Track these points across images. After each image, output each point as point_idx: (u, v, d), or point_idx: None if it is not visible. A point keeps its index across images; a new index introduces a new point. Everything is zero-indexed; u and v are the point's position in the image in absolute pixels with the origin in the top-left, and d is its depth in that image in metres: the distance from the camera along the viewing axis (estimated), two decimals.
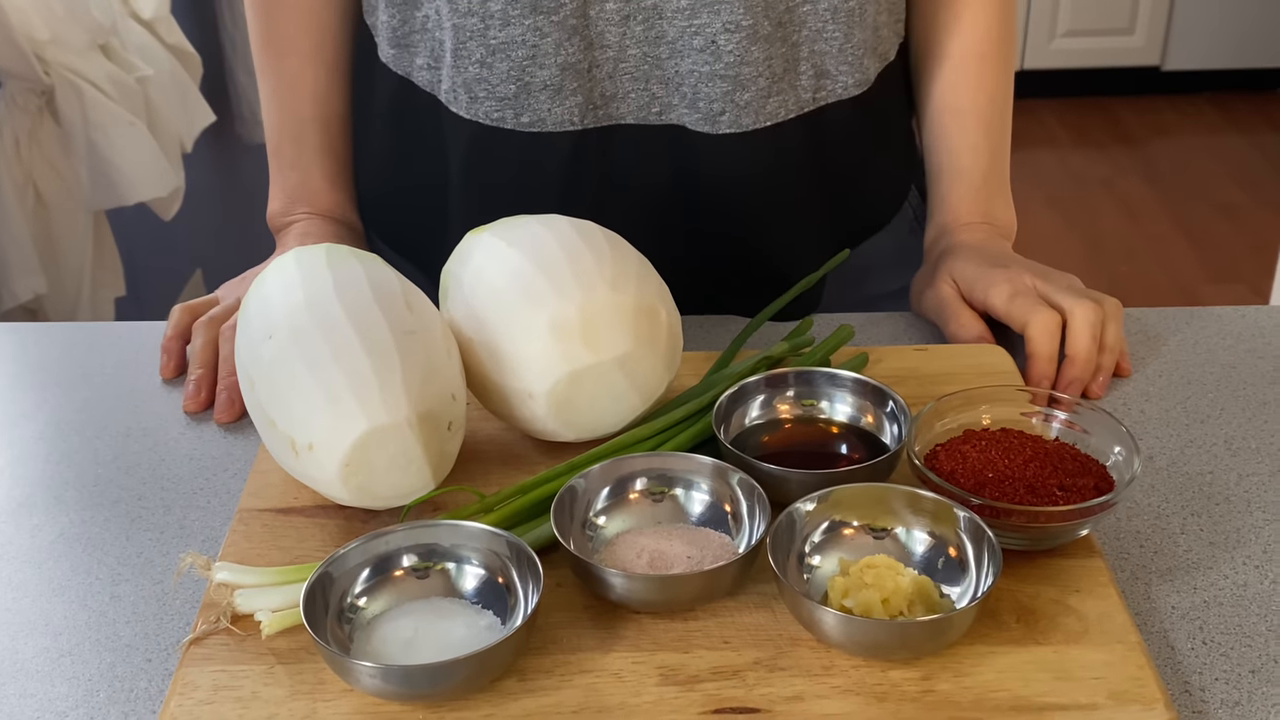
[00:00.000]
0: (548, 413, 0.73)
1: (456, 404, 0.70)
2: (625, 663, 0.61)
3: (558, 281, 0.71)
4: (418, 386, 0.67)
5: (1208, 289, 2.93)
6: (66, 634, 0.68)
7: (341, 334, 0.67)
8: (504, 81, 0.85)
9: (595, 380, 0.72)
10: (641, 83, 0.86)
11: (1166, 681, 0.63)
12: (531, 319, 0.71)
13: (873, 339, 0.91)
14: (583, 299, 0.71)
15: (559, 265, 0.72)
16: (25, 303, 1.82)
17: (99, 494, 0.78)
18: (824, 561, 0.66)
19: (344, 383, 0.66)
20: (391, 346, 0.67)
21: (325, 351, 0.67)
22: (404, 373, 0.67)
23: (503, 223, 0.76)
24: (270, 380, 0.68)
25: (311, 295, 0.70)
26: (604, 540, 0.68)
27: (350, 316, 0.68)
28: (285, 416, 0.67)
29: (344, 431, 0.66)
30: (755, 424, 0.76)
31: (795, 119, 0.87)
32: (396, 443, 0.67)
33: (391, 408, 0.66)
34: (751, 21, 0.83)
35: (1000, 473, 0.68)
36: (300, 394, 0.67)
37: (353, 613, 0.63)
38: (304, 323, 0.68)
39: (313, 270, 0.72)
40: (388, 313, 0.69)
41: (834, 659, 0.61)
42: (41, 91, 1.79)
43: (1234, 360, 0.88)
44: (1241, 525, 0.73)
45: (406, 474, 0.68)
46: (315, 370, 0.67)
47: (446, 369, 0.70)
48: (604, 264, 0.72)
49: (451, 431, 0.70)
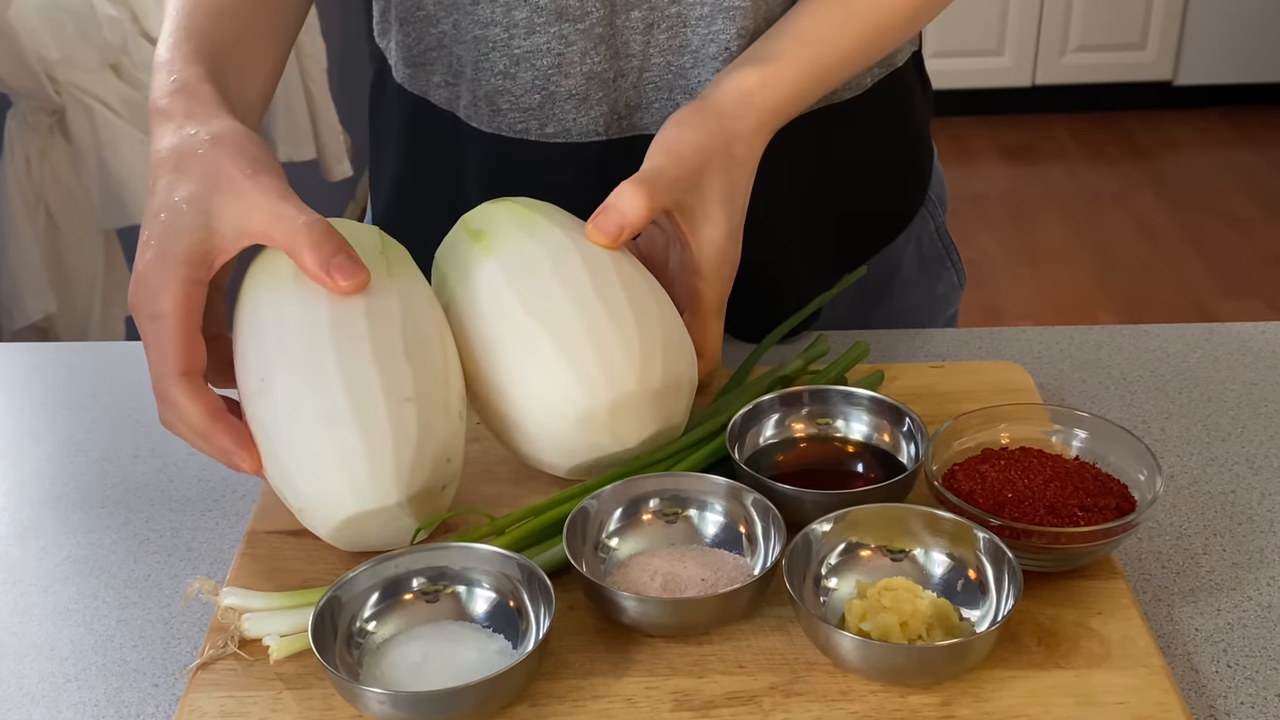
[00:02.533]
0: (566, 474, 0.72)
1: (452, 465, 0.67)
2: (639, 688, 0.60)
3: (581, 371, 0.67)
4: (410, 464, 0.64)
5: (1223, 304, 2.91)
6: (73, 658, 0.67)
7: (334, 400, 0.63)
8: (528, 92, 0.85)
9: (619, 457, 0.71)
10: (665, 92, 0.85)
11: (1191, 706, 0.61)
12: (559, 410, 0.68)
13: (887, 355, 0.90)
14: (611, 397, 0.67)
15: (580, 346, 0.67)
16: (36, 322, 1.81)
17: (106, 516, 0.77)
18: (841, 584, 0.65)
19: (333, 460, 0.63)
20: (384, 419, 0.63)
21: (316, 418, 0.63)
22: (396, 450, 0.63)
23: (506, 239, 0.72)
24: (265, 433, 0.65)
25: (306, 338, 0.64)
26: (617, 562, 0.67)
27: (344, 375, 0.63)
28: (278, 476, 0.65)
29: (332, 508, 0.64)
30: (770, 443, 0.75)
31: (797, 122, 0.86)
32: (386, 518, 0.65)
33: (381, 493, 0.64)
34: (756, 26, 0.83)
35: (1020, 493, 0.67)
36: (290, 458, 0.64)
37: (362, 637, 0.62)
38: (296, 376, 0.64)
39: (309, 295, 0.66)
40: (384, 370, 0.64)
41: (851, 684, 0.60)
42: (52, 110, 1.80)
43: (1254, 377, 0.86)
44: (1265, 545, 0.72)
45: (399, 536, 0.67)
46: (305, 438, 0.63)
47: (443, 430, 0.65)
48: (630, 345, 0.68)
49: (446, 490, 0.68)
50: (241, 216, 0.66)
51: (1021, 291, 3.00)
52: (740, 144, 0.76)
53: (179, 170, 0.67)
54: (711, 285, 0.75)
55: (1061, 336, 0.92)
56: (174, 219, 0.66)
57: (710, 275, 0.75)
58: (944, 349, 0.91)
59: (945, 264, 1.03)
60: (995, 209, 3.37)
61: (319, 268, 0.65)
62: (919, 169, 1.00)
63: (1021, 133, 3.76)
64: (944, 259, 1.02)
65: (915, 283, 1.00)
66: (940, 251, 1.02)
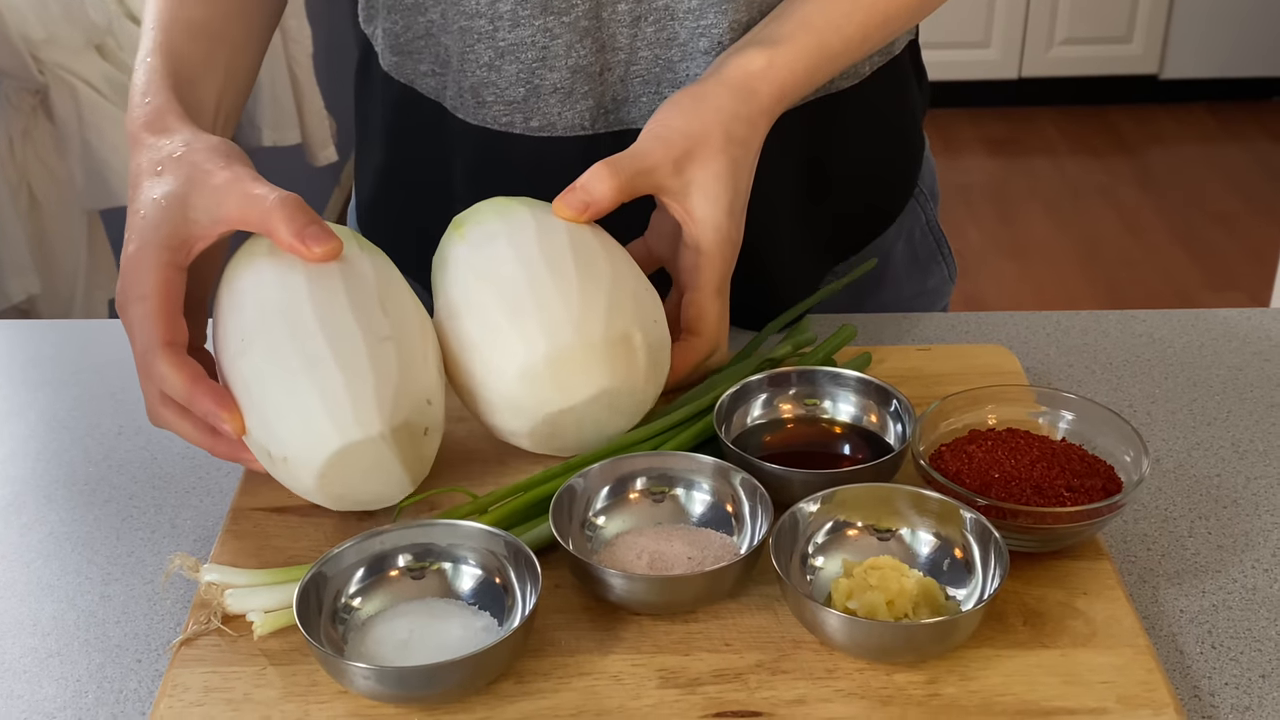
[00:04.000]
0: (534, 444, 0.72)
1: (433, 408, 0.68)
2: (625, 665, 0.60)
3: (521, 326, 0.68)
4: (391, 398, 0.65)
5: (1206, 297, 2.92)
6: (55, 634, 0.67)
7: (313, 345, 0.65)
8: (513, 85, 0.84)
9: (575, 418, 0.70)
10: (653, 86, 0.84)
11: (1175, 686, 0.62)
12: (499, 366, 0.69)
13: (875, 339, 0.90)
14: (547, 346, 0.68)
15: (522, 303, 0.69)
16: (19, 303, 1.80)
17: (90, 493, 0.77)
18: (828, 563, 0.65)
19: (316, 398, 0.64)
20: (364, 356, 0.65)
21: (297, 363, 0.65)
22: (377, 385, 0.65)
23: (478, 223, 0.74)
24: (246, 390, 0.66)
25: (284, 299, 0.67)
26: (603, 541, 0.67)
27: (323, 324, 0.65)
28: (260, 429, 0.66)
29: (317, 448, 0.65)
30: (757, 423, 0.75)
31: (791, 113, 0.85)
32: (371, 455, 0.66)
33: (364, 423, 0.64)
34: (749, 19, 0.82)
35: (1006, 473, 0.67)
36: (272, 408, 0.65)
37: (347, 613, 0.62)
38: (276, 331, 0.66)
39: (285, 266, 0.68)
40: (362, 319, 0.66)
41: (837, 662, 0.60)
42: (36, 91, 1.78)
43: (1240, 363, 0.87)
44: (1250, 528, 0.72)
45: (384, 482, 0.67)
46: (287, 383, 0.65)
47: (422, 375, 0.68)
48: (569, 298, 0.69)
49: (428, 435, 0.69)
50: (216, 204, 0.69)
51: (1006, 284, 3.01)
52: (740, 124, 0.76)
53: (157, 174, 0.71)
54: (709, 262, 0.75)
55: (1048, 321, 0.92)
56: (153, 213, 0.69)
57: (708, 252, 0.75)
58: (931, 333, 0.91)
59: (936, 257, 1.03)
60: (980, 201, 3.37)
61: (294, 238, 0.67)
62: (912, 159, 1.00)
63: (1007, 125, 3.77)
64: (935, 252, 1.02)
65: (907, 276, 1.00)
66: (931, 245, 1.02)
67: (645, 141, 0.75)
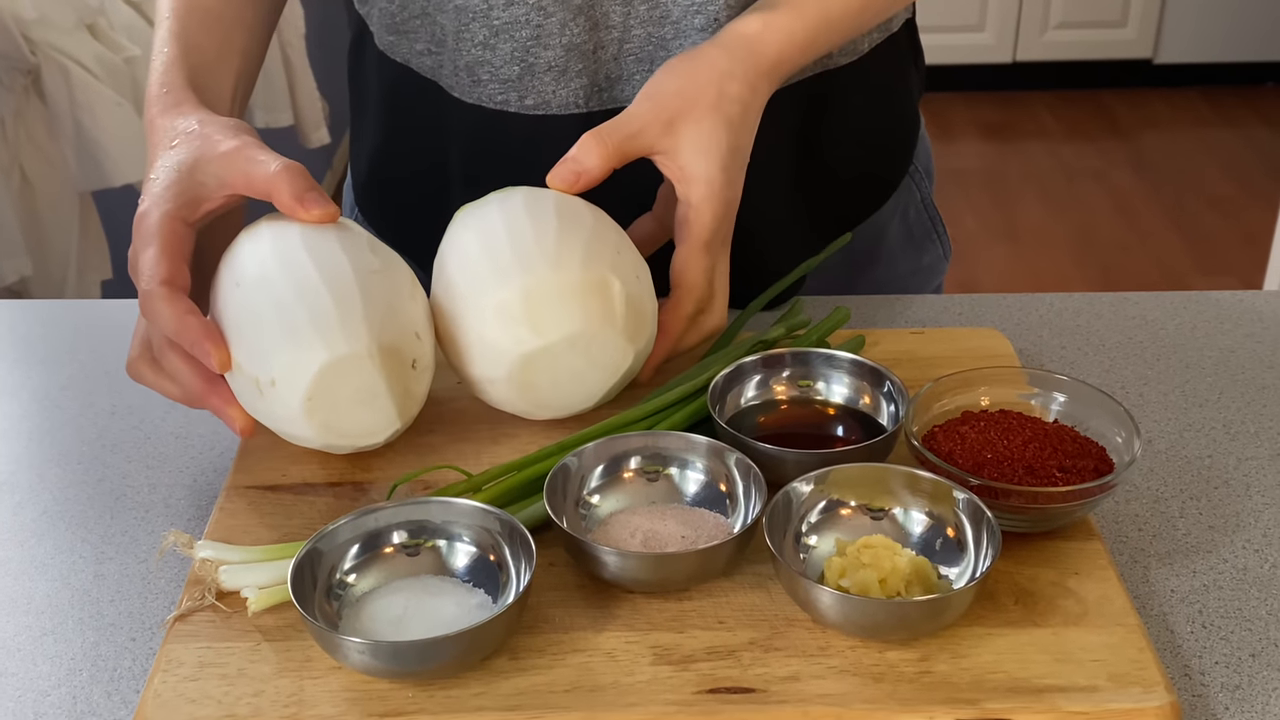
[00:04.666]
0: (511, 396, 0.72)
1: (421, 342, 0.70)
2: (619, 642, 0.61)
3: (499, 264, 0.70)
4: (379, 319, 0.67)
5: (1198, 280, 2.93)
6: (49, 612, 0.67)
7: (304, 274, 0.67)
8: (507, 63, 0.84)
9: (550, 362, 0.70)
10: (646, 64, 0.84)
11: (1166, 665, 0.62)
12: (478, 305, 0.70)
13: (868, 322, 0.90)
14: (522, 281, 0.69)
15: (500, 248, 0.70)
16: (11, 285, 1.80)
17: (83, 472, 0.77)
18: (821, 542, 0.65)
19: (305, 317, 0.66)
20: (352, 281, 0.67)
21: (288, 291, 0.67)
22: (365, 306, 0.67)
23: (474, 204, 0.76)
24: (236, 324, 0.68)
25: (278, 245, 0.70)
26: (597, 520, 0.67)
27: (314, 259, 0.68)
28: (248, 356, 0.67)
29: (305, 364, 0.65)
30: (751, 404, 0.75)
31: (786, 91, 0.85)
32: (359, 375, 0.66)
33: (351, 338, 0.66)
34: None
35: (999, 454, 0.68)
36: (263, 332, 0.67)
37: (341, 589, 0.62)
38: (269, 268, 0.68)
39: (281, 225, 0.71)
40: (352, 256, 0.69)
41: (830, 639, 0.60)
42: (27, 71, 1.77)
43: (1232, 344, 0.87)
44: (1241, 509, 0.72)
45: (371, 409, 0.68)
46: (278, 308, 0.67)
47: (411, 308, 0.69)
48: (546, 241, 0.70)
49: (417, 370, 0.69)
50: (223, 169, 0.72)
51: (1000, 268, 3.01)
52: (734, 83, 0.75)
53: (170, 148, 0.74)
54: (697, 215, 0.74)
55: (1041, 304, 0.92)
56: (163, 177, 0.73)
57: (696, 205, 0.74)
58: (924, 316, 0.91)
59: (931, 236, 1.03)
60: (975, 185, 3.37)
61: (293, 199, 0.70)
62: (907, 137, 1.00)
63: (1001, 109, 3.77)
64: (930, 230, 1.02)
65: (901, 254, 1.00)
66: (926, 223, 1.02)
67: (635, 105, 0.75)
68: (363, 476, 0.72)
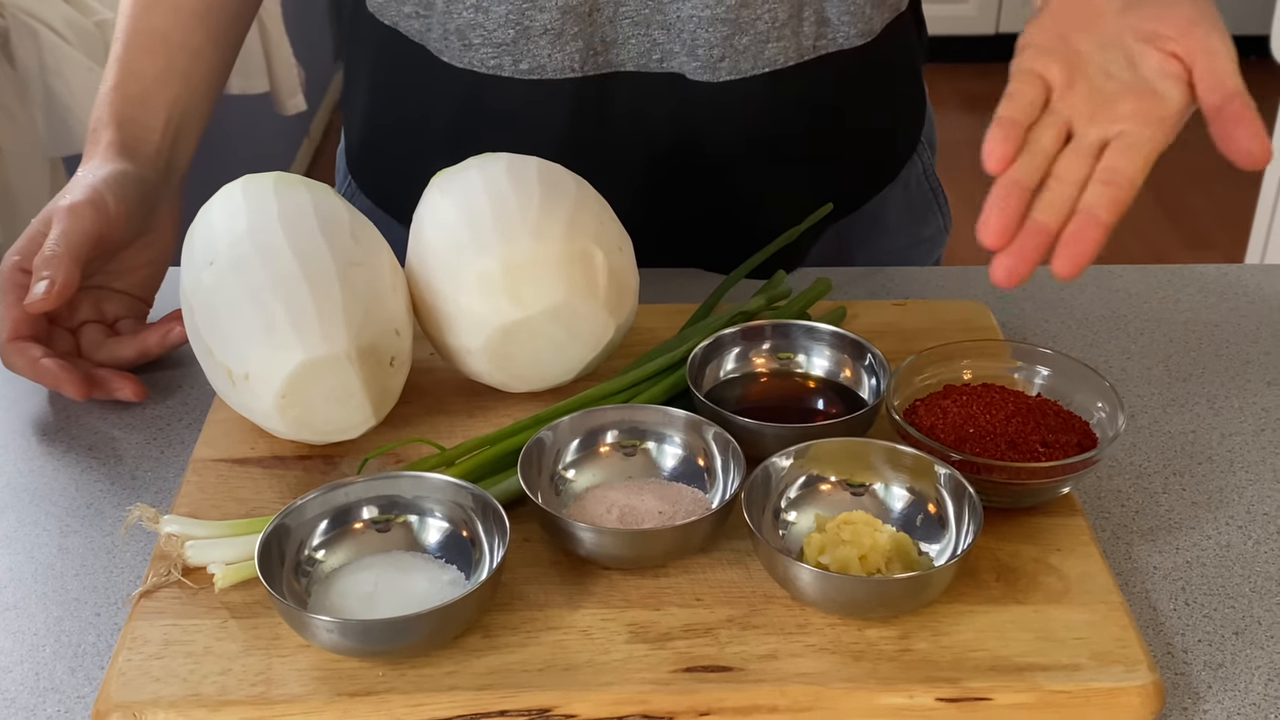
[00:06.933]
0: (490, 367, 0.71)
1: (400, 339, 0.68)
2: (594, 619, 0.59)
3: (479, 235, 0.69)
4: (359, 318, 0.65)
5: (1182, 255, 2.93)
6: (11, 587, 0.65)
7: (282, 262, 0.66)
8: (501, 26, 0.82)
9: (530, 333, 0.69)
10: (642, 28, 0.83)
11: (1148, 642, 0.61)
12: (458, 275, 0.69)
13: (850, 294, 0.89)
14: (504, 251, 0.68)
15: (482, 217, 0.69)
16: None
17: (48, 443, 0.75)
18: (800, 518, 0.64)
19: (282, 312, 0.64)
20: (333, 276, 0.66)
21: (264, 280, 0.65)
22: (345, 304, 0.65)
23: (452, 169, 0.75)
24: (209, 307, 0.67)
25: (255, 223, 0.68)
26: (573, 495, 0.66)
27: (293, 245, 0.66)
28: (222, 345, 0.66)
29: (280, 362, 0.64)
30: (730, 377, 0.74)
31: (795, 67, 0.84)
32: (334, 375, 0.65)
33: (330, 339, 0.64)
34: None
35: (981, 428, 0.67)
36: (238, 323, 0.65)
37: (310, 566, 0.61)
38: (245, 250, 0.67)
39: (258, 198, 0.70)
40: (332, 243, 0.67)
41: (809, 617, 0.59)
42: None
43: (1216, 319, 0.86)
44: (1224, 485, 0.71)
45: (346, 408, 0.67)
46: (254, 299, 0.65)
47: (391, 303, 0.68)
48: (529, 211, 0.69)
49: (394, 367, 0.68)
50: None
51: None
52: None
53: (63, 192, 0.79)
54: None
55: None
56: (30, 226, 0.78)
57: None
58: (907, 288, 0.90)
59: (932, 207, 1.02)
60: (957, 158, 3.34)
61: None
62: (917, 112, 0.99)
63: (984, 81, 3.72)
64: (931, 202, 1.01)
65: (902, 225, 0.99)
66: (928, 194, 1.01)
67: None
68: (333, 450, 0.70)
